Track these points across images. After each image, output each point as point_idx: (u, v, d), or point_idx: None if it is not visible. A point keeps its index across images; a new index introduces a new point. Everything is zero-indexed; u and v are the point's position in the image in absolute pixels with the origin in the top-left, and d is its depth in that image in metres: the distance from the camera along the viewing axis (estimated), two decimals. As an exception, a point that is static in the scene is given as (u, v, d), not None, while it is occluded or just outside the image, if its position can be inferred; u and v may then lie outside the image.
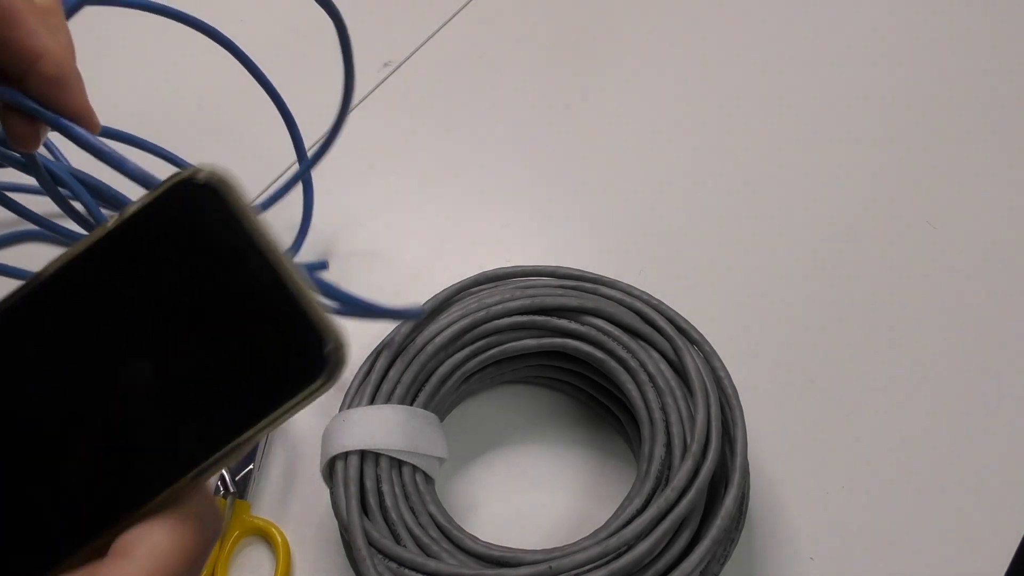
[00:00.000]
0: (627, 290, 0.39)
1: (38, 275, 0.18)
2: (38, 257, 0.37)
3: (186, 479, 0.18)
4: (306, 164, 0.45)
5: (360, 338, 0.43)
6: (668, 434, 0.34)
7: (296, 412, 0.18)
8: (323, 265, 0.46)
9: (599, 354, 0.37)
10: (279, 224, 0.47)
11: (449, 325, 0.37)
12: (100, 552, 0.18)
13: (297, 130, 0.45)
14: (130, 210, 0.18)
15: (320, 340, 0.18)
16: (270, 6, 0.59)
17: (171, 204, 0.18)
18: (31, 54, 0.23)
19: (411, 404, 0.36)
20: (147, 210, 0.18)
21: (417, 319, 0.37)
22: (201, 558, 0.19)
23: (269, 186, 0.50)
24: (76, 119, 0.24)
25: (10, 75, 0.24)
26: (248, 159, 0.51)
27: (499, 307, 0.37)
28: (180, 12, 0.38)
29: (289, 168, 0.51)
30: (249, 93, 0.44)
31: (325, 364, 0.18)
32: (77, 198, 0.39)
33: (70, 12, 0.28)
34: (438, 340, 0.37)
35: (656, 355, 0.37)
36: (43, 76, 0.24)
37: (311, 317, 0.18)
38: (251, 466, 0.39)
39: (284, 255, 0.18)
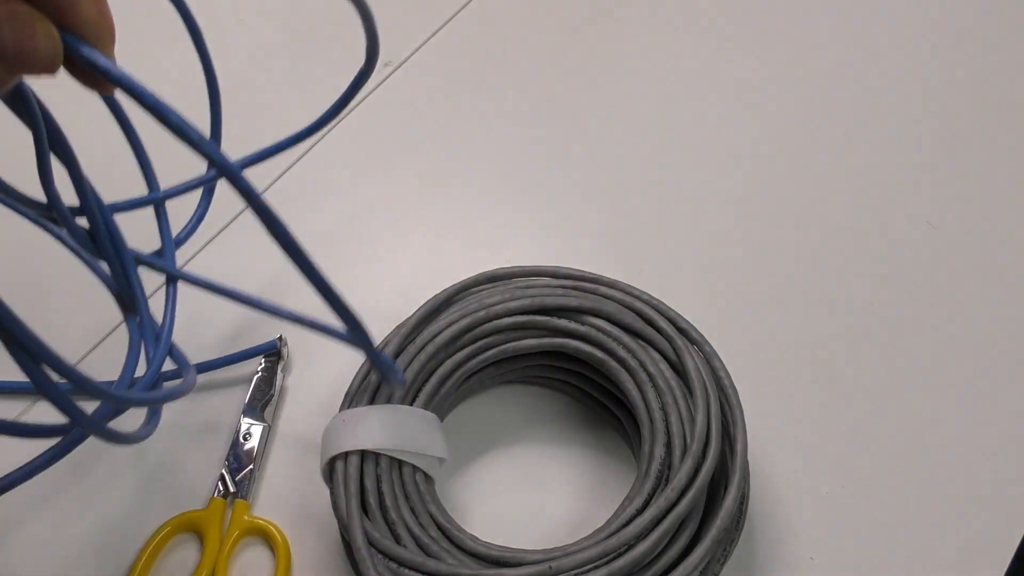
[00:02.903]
0: (627, 290, 0.39)
1: None
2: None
3: None
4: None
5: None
6: (668, 434, 0.34)
7: None
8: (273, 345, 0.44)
9: (599, 354, 0.37)
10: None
11: (449, 325, 0.37)
12: None
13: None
14: None
15: None
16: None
17: None
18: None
19: (411, 404, 0.36)
20: None
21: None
22: None
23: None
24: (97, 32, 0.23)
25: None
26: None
27: (499, 307, 0.37)
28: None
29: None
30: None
31: None
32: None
33: None
34: (438, 340, 0.37)
35: (656, 355, 0.37)
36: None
37: None
38: (251, 466, 0.39)
39: None
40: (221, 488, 0.39)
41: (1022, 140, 0.51)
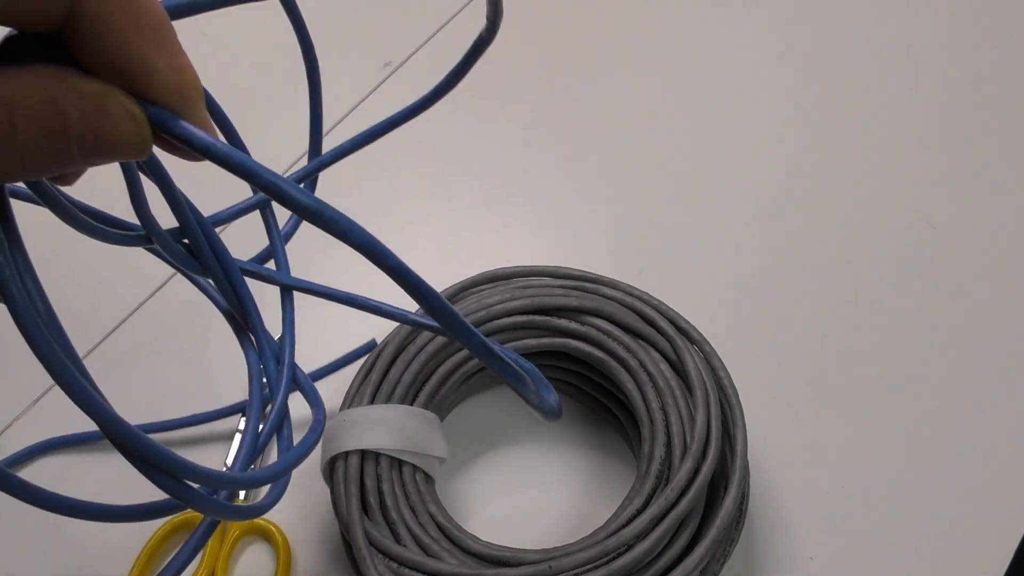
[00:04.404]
0: (627, 290, 0.39)
1: None
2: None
3: None
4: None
5: (360, 338, 0.43)
6: (668, 434, 0.34)
7: None
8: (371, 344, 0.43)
9: (599, 354, 0.37)
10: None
11: (449, 325, 0.37)
12: None
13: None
14: None
15: None
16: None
17: None
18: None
19: (411, 404, 0.36)
20: None
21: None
22: None
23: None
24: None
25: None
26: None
27: (499, 307, 0.37)
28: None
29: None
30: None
31: None
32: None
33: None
34: (438, 340, 0.37)
35: (656, 355, 0.37)
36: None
37: None
38: (251, 466, 0.39)
39: None
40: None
41: (1022, 140, 0.51)
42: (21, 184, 0.21)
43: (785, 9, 0.59)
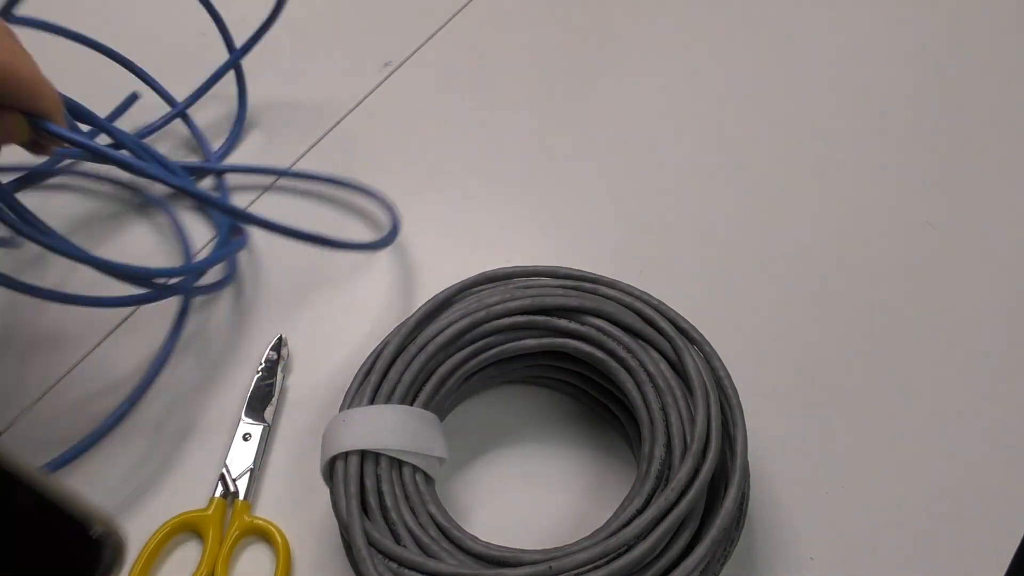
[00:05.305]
0: (627, 290, 0.39)
1: None
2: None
3: None
4: (235, 54, 0.51)
5: (360, 338, 0.43)
6: (668, 434, 0.34)
7: None
8: (240, 243, 0.46)
9: (599, 354, 0.37)
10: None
11: (449, 325, 0.37)
12: None
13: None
14: None
15: (85, 531, 0.19)
16: None
17: None
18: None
19: (411, 404, 0.36)
20: None
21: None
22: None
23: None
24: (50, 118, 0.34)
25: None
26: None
27: (499, 307, 0.37)
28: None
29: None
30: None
31: (100, 548, 0.19)
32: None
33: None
34: (438, 340, 0.37)
35: (656, 355, 0.37)
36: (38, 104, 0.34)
37: (72, 513, 0.19)
38: (251, 466, 0.39)
39: (44, 480, 0.20)
40: (221, 488, 0.39)
41: (1022, 140, 0.51)
42: None
43: (784, 10, 0.59)
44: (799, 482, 0.39)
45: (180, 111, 0.52)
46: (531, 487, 0.39)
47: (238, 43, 0.51)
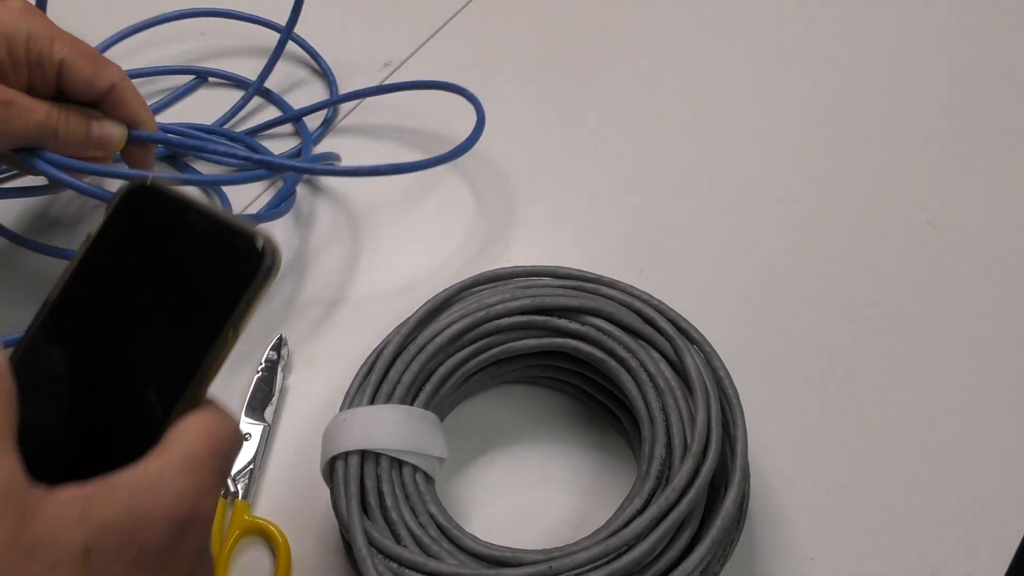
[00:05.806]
0: (627, 290, 0.39)
1: (67, 267, 0.25)
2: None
3: (195, 379, 0.24)
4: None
5: (360, 338, 0.43)
6: (668, 434, 0.34)
7: (258, 302, 0.25)
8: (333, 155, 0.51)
9: (599, 354, 0.37)
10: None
11: (449, 325, 0.37)
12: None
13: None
14: (105, 216, 0.25)
15: (252, 242, 0.24)
16: None
17: (131, 204, 0.25)
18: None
19: (411, 404, 0.36)
20: (116, 213, 0.25)
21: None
22: (228, 446, 0.25)
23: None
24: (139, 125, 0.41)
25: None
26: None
27: (499, 307, 0.37)
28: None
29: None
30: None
31: (263, 257, 0.24)
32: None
33: None
34: (438, 340, 0.37)
35: (656, 355, 0.37)
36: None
37: (241, 231, 0.25)
38: (251, 466, 0.39)
39: (211, 207, 0.26)
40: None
41: (1022, 140, 0.51)
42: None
43: (786, 10, 0.59)
44: (799, 482, 0.39)
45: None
46: (531, 487, 0.39)
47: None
